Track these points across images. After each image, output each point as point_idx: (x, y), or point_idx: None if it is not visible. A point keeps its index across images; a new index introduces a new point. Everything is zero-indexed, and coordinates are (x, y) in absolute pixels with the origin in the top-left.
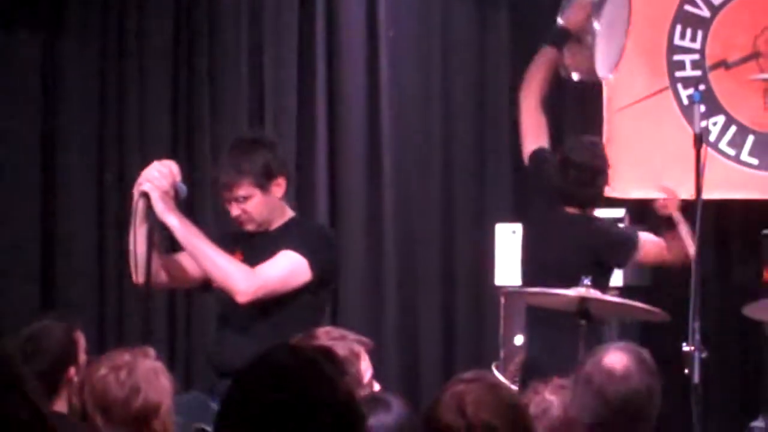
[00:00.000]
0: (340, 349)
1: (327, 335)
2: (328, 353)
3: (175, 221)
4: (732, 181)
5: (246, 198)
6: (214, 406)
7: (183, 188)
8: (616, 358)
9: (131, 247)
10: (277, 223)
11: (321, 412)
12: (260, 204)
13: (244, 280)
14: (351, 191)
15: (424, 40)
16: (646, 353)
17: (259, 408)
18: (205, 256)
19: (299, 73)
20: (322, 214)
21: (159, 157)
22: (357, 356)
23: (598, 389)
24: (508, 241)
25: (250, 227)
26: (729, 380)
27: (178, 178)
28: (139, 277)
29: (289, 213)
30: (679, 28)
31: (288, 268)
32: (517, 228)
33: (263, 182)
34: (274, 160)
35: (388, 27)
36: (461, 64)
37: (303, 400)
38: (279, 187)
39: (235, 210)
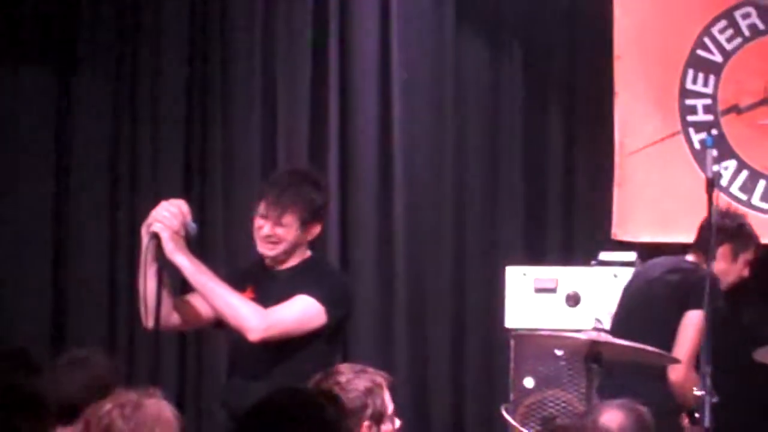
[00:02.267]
0: (363, 381)
1: (349, 369)
2: (332, 397)
3: (185, 261)
4: None
5: (285, 225)
6: None
7: (193, 227)
8: (612, 416)
9: (141, 288)
10: (293, 262)
11: None
12: (294, 236)
13: (256, 319)
14: (362, 231)
15: (437, 81)
16: (644, 410)
17: None
18: (215, 295)
19: (311, 114)
20: (333, 250)
21: (170, 196)
22: (380, 387)
23: None
24: (519, 283)
25: (270, 253)
26: (740, 426)
27: (189, 217)
28: (149, 319)
29: (308, 253)
30: (691, 72)
31: (302, 311)
32: (528, 270)
33: (307, 219)
34: (323, 205)
35: (402, 69)
36: (474, 105)
37: None
38: (314, 230)
39: (267, 229)
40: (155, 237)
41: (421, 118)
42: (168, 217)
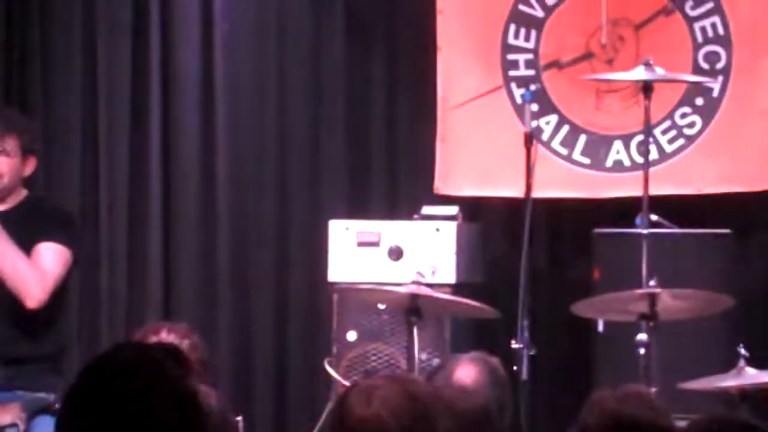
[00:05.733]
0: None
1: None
2: (174, 352)
3: None
4: (564, 180)
5: (9, 154)
6: None
7: None
8: (465, 371)
9: None
10: (13, 201)
11: (167, 410)
12: (15, 168)
13: (38, 286)
14: (183, 185)
15: (259, 32)
16: (496, 363)
17: (105, 405)
18: (6, 258)
19: (132, 68)
20: (155, 204)
21: None
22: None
23: (447, 404)
24: (342, 237)
25: None
26: (558, 377)
27: None
28: None
29: (24, 192)
30: (513, 27)
31: (62, 262)
32: (351, 224)
33: (26, 149)
34: (37, 137)
35: (224, 20)
36: (296, 58)
37: (149, 398)
38: (31, 165)
39: None
40: None
41: (243, 70)
42: None
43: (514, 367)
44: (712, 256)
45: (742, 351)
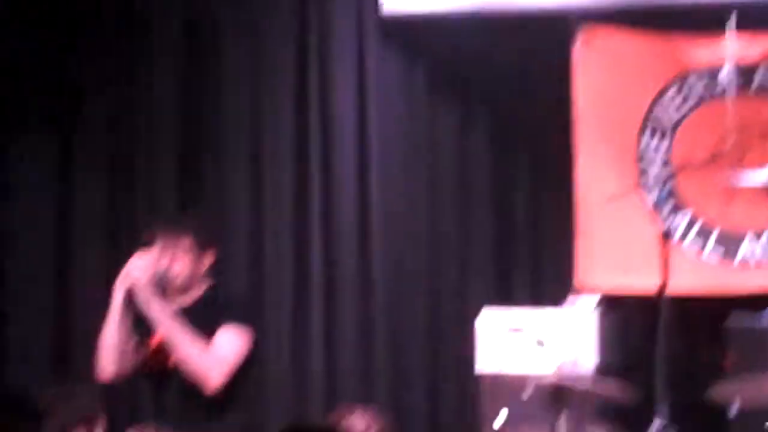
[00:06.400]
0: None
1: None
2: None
3: (158, 311)
4: (696, 276)
5: (183, 253)
6: None
7: (164, 276)
8: None
9: (108, 340)
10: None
11: None
12: (190, 265)
13: (216, 371)
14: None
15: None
16: None
17: None
18: (181, 345)
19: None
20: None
21: None
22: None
23: None
24: (491, 327)
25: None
26: None
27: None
28: (107, 370)
29: (204, 284)
30: (647, 134)
31: (238, 347)
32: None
33: (201, 245)
34: (211, 232)
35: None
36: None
37: None
38: (209, 259)
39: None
40: (128, 289)
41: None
42: (141, 268)
43: None
44: None
45: None
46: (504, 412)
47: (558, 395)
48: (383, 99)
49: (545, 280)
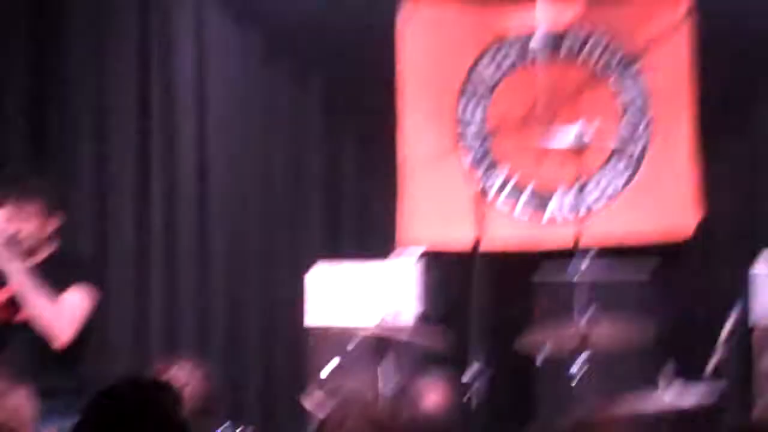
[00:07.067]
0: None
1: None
2: (167, 386)
3: (17, 267)
4: (508, 231)
5: (31, 217)
6: None
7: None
8: (427, 395)
9: None
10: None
11: None
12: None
13: (66, 329)
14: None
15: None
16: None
17: None
18: (33, 304)
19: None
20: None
21: None
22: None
23: (409, 428)
24: (319, 282)
25: None
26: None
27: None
28: None
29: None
30: (463, 101)
31: (84, 305)
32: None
33: (48, 211)
34: (57, 198)
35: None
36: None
37: (145, 427)
38: (54, 224)
39: None
40: None
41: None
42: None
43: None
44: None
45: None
46: (334, 362)
47: (381, 345)
48: (221, 62)
49: (374, 235)
